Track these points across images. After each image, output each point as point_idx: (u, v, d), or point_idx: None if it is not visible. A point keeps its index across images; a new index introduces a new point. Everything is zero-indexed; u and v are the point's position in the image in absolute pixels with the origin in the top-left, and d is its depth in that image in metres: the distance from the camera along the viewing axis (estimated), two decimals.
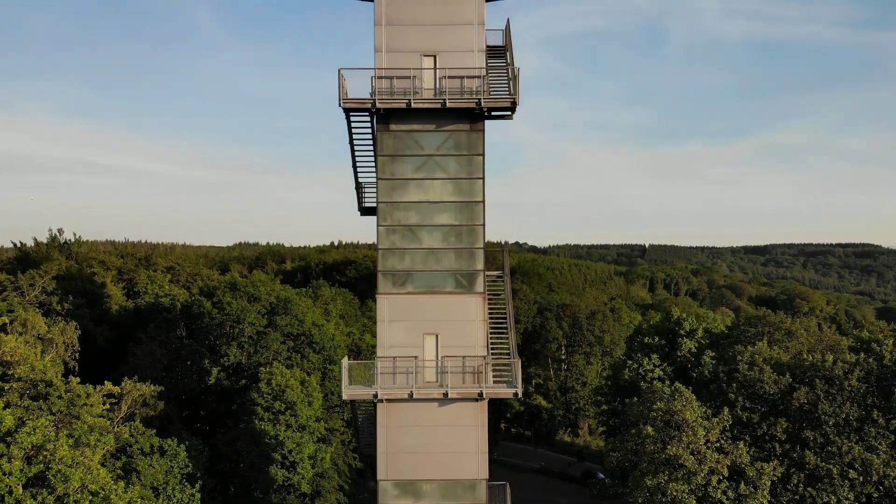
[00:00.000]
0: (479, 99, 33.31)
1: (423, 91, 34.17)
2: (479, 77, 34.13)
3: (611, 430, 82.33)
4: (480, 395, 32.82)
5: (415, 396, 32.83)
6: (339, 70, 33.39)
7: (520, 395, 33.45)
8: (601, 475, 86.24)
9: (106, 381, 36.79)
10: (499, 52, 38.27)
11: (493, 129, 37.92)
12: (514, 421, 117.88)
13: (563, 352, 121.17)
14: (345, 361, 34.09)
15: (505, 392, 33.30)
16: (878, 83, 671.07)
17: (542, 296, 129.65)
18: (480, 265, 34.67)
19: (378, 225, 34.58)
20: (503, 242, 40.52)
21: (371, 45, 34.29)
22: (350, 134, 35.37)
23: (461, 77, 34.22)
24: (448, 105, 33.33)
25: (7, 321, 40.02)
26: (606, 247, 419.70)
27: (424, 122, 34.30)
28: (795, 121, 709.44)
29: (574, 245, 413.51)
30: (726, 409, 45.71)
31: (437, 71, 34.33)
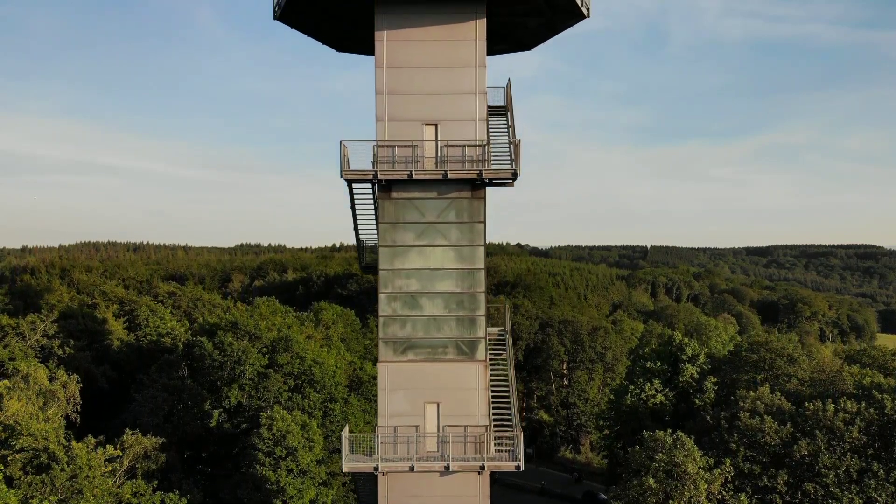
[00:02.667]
0: (481, 170, 33.27)
1: (424, 160, 34.13)
2: (480, 146, 34.05)
3: (612, 456, 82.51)
4: (482, 468, 32.80)
5: (416, 469, 32.81)
6: (340, 141, 33.45)
7: (521, 468, 33.40)
8: (602, 496, 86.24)
9: (108, 446, 36.79)
10: (499, 112, 38.26)
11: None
12: None
13: (564, 367, 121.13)
14: (345, 433, 34.07)
15: (507, 465, 33.31)
16: (880, 82, 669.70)
17: (543, 310, 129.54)
18: (482, 332, 34.65)
19: (379, 292, 34.55)
20: (503, 303, 40.48)
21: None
22: (352, 200, 35.34)
23: (462, 146, 34.16)
24: (450, 176, 33.28)
25: (9, 381, 40.02)
26: (608, 248, 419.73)
27: (426, 190, 34.27)
28: (796, 120, 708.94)
29: (576, 246, 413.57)
30: (728, 460, 45.68)
31: (439, 139, 34.26)
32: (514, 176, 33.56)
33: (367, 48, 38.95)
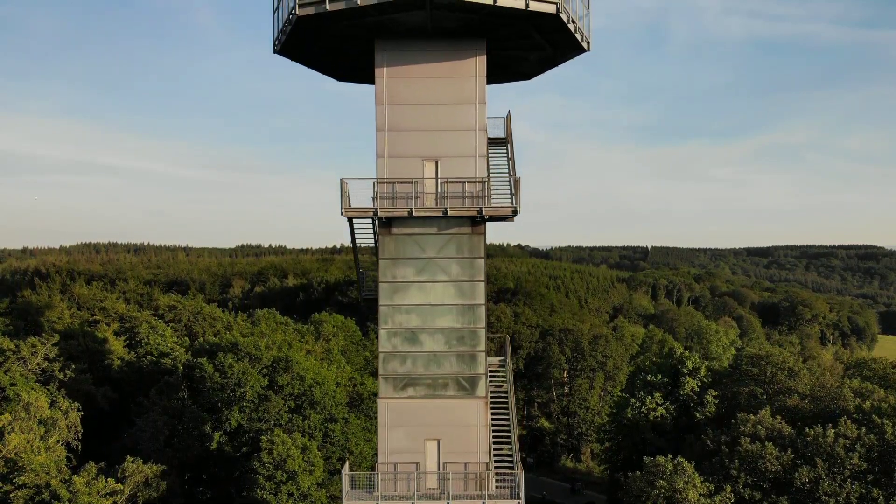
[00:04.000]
0: (481, 208, 33.24)
1: (424, 196, 34.11)
2: (480, 182, 34.04)
3: (613, 469, 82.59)
4: None
5: None
6: (340, 179, 33.45)
7: None
8: None
9: (110, 479, 36.83)
10: (499, 143, 38.26)
11: (494, 128, 38.14)
12: None
13: (565, 375, 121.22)
14: (345, 470, 34.06)
15: (508, 503, 33.23)
16: (880, 81, 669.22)
17: (543, 318, 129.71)
18: (482, 369, 34.64)
19: (379, 328, 34.54)
20: (504, 336, 40.48)
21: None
22: (353, 236, 35.36)
23: (462, 182, 34.14)
24: (450, 214, 33.27)
25: (10, 412, 40.07)
26: (609, 249, 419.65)
27: (426, 226, 34.25)
28: (797, 120, 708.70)
29: (576, 247, 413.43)
30: (728, 487, 45.71)
31: (439, 175, 34.24)
32: (515, 213, 33.54)
33: (367, 78, 38.85)
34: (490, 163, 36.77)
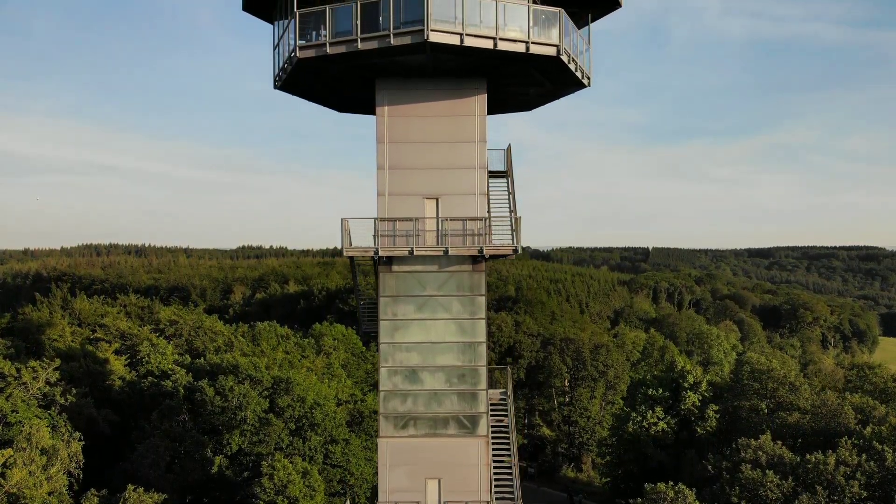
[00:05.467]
0: (482, 247, 33.24)
1: (425, 234, 34.11)
2: (481, 220, 34.04)
3: (615, 484, 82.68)
4: None
5: None
6: (341, 219, 33.47)
7: None
8: None
9: None
10: (499, 175, 38.24)
11: (493, 127, 38.02)
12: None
13: (566, 383, 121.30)
14: None
15: None
16: (882, 82, 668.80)
17: (544, 326, 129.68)
18: (483, 407, 34.64)
19: (380, 366, 34.56)
20: (505, 368, 40.49)
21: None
22: (354, 275, 35.38)
23: (463, 220, 34.15)
24: (450, 253, 33.28)
25: (13, 446, 40.19)
26: (610, 250, 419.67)
27: (427, 264, 34.26)
28: (798, 120, 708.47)
29: (577, 248, 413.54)
30: None
31: (440, 213, 34.26)
32: (516, 251, 33.57)
33: (367, 109, 38.89)
34: (490, 196, 36.78)
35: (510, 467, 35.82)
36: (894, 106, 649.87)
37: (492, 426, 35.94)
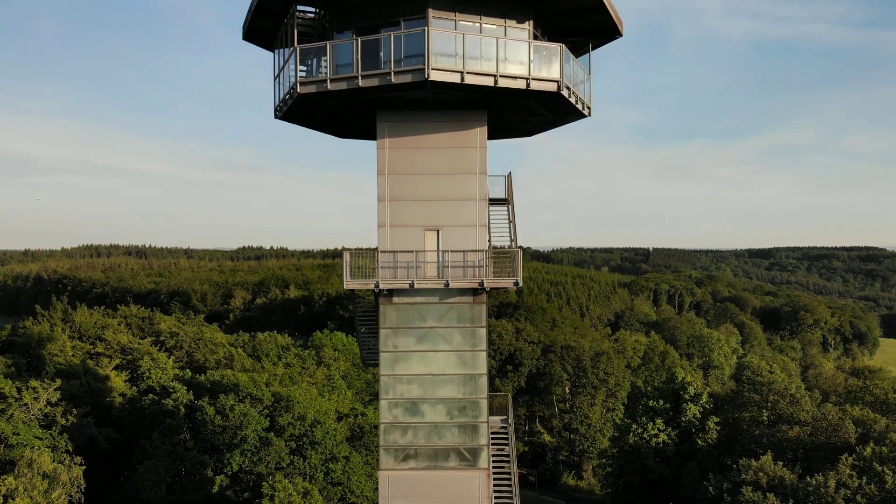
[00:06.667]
0: (482, 280, 33.19)
1: (426, 266, 34.07)
2: (482, 252, 33.99)
3: (616, 496, 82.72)
4: None
5: None
6: (342, 251, 33.38)
7: None
8: None
9: None
10: (500, 203, 38.19)
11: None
12: (517, 462, 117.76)
13: (567, 391, 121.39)
14: None
15: None
16: (883, 82, 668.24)
17: (545, 333, 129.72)
18: (484, 440, 34.60)
19: (380, 398, 34.51)
20: (506, 396, 40.43)
21: None
22: (355, 308, 35.35)
23: (464, 251, 34.10)
24: (451, 286, 33.23)
25: (14, 473, 40.21)
26: (610, 250, 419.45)
27: (428, 296, 34.19)
28: (799, 120, 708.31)
29: (578, 249, 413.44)
30: None
31: (440, 245, 34.21)
32: (517, 285, 33.51)
33: (368, 135, 38.88)
34: (490, 223, 36.72)
35: (511, 495, 35.77)
36: (894, 106, 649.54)
37: (493, 455, 35.89)
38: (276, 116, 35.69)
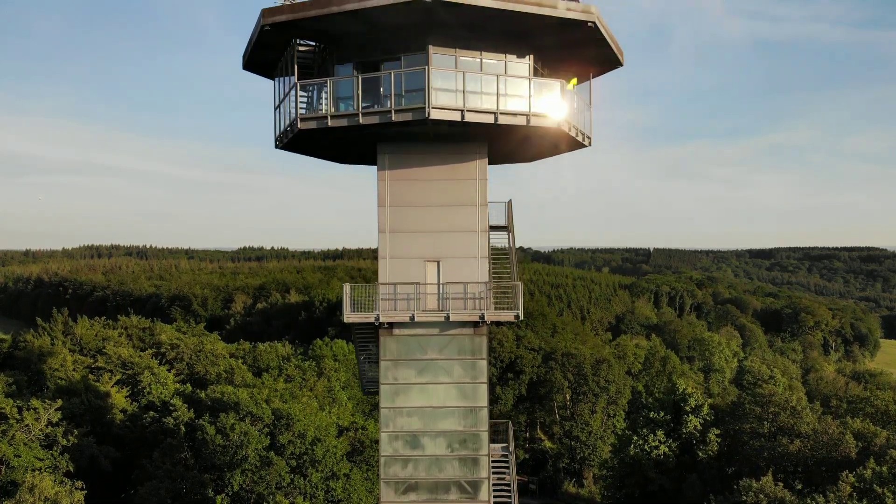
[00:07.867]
0: (483, 313, 33.12)
1: (426, 297, 34.01)
2: (483, 284, 33.95)
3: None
4: None
5: None
6: (343, 285, 33.35)
7: None
8: None
9: None
10: (500, 229, 38.13)
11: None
12: (518, 469, 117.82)
13: (568, 398, 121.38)
14: None
15: None
16: (884, 81, 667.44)
17: (545, 340, 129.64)
18: (485, 473, 34.55)
19: (381, 431, 34.46)
20: (507, 423, 40.40)
21: None
22: (355, 340, 35.33)
23: (464, 283, 34.04)
24: (451, 319, 33.17)
25: (16, 498, 40.27)
26: (611, 251, 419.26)
27: (428, 328, 34.12)
28: (799, 120, 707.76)
29: (578, 249, 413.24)
30: None
31: (441, 277, 34.15)
32: (517, 318, 33.45)
33: (369, 160, 38.80)
34: (491, 251, 36.63)
35: None
36: (894, 106, 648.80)
37: (493, 484, 35.83)
38: (276, 146, 35.63)
